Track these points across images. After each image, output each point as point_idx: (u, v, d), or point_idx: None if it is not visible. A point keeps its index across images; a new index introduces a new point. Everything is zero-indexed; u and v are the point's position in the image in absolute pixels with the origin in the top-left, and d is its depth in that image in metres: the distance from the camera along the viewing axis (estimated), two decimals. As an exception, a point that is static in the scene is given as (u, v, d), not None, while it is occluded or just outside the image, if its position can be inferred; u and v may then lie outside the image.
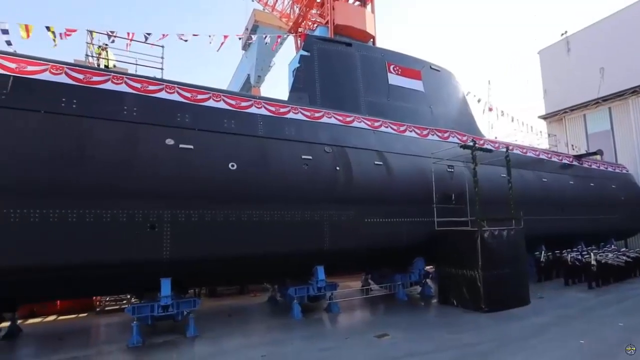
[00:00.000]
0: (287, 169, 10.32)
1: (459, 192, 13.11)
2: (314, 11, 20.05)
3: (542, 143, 25.12)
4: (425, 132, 14.48)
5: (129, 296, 12.14)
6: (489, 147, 14.25)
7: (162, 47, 10.97)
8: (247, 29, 23.99)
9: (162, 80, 10.12)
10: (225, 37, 12.86)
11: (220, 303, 13.22)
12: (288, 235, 9.98)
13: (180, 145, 8.98)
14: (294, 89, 12.88)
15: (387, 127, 13.54)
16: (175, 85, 9.93)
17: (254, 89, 24.94)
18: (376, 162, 12.13)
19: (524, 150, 18.40)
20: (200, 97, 10.07)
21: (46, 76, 8.34)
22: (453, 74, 17.67)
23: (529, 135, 22.98)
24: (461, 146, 12.71)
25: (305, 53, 13.34)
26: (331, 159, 11.23)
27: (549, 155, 19.71)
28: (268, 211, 9.76)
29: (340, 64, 13.98)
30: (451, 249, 11.73)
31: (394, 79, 15.03)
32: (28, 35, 9.71)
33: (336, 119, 12.45)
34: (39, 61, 8.52)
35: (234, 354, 7.70)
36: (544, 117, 30.61)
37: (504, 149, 13.37)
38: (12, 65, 8.12)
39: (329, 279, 11.10)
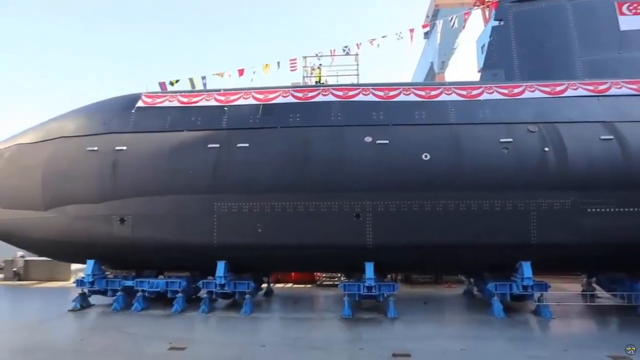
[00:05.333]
0: (484, 155, 9.62)
1: None
2: (503, -30, 17.16)
3: None
4: (691, 85, 10.35)
5: (340, 275, 14.28)
6: None
7: (357, 54, 12.24)
8: (428, 16, 23.26)
9: (358, 84, 11.47)
10: (412, 30, 12.92)
11: (415, 290, 13.66)
12: (486, 226, 9.36)
13: (377, 141, 9.81)
14: (485, 67, 11.74)
15: (619, 87, 10.47)
16: (370, 87, 10.93)
17: (438, 76, 24.03)
18: (603, 137, 9.63)
19: None
20: (391, 93, 10.69)
21: (279, 100, 10.94)
22: None
23: None
24: None
25: (497, 23, 11.85)
26: (537, 138, 9.70)
27: None
28: (464, 200, 9.42)
29: (544, 24, 11.73)
30: None
31: (630, 22, 11.39)
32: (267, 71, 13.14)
33: (541, 91, 10.58)
34: (274, 89, 11.24)
35: (432, 341, 7.92)
36: None
37: None
38: (261, 96, 11.07)
39: (537, 277, 9.70)
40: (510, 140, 9.64)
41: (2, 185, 11.04)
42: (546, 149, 9.54)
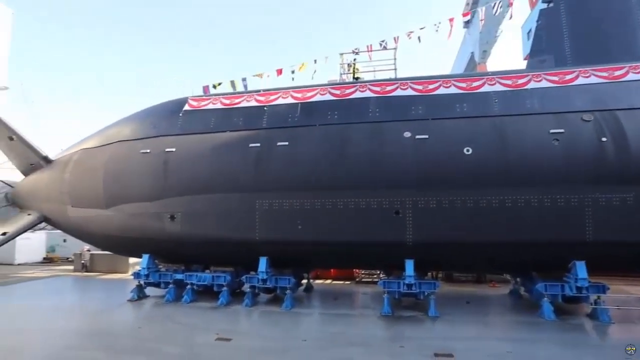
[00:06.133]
0: (531, 147, 9.08)
1: None
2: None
3: None
4: None
5: (379, 272, 14.19)
6: None
7: (395, 49, 12.07)
8: (467, 3, 22.11)
9: (396, 79, 11.23)
10: (451, 20, 12.40)
11: (457, 289, 13.25)
12: (534, 223, 8.87)
13: (417, 136, 9.62)
14: (533, 53, 11.05)
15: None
16: (408, 81, 10.73)
17: (479, 67, 22.77)
18: None
19: None
20: (430, 87, 10.40)
21: (317, 98, 11.05)
22: None
23: None
24: None
25: (546, 5, 11.08)
26: (593, 128, 8.99)
27: None
28: (509, 196, 8.98)
29: (601, 1, 10.74)
30: None
31: None
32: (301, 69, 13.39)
33: (597, 76, 9.79)
34: (311, 87, 11.39)
35: (476, 342, 7.66)
36: None
37: None
38: (299, 95, 11.26)
39: (592, 277, 9.00)
40: (562, 130, 9.03)
41: (71, 187, 12.26)
42: (603, 139, 8.82)
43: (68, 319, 9.70)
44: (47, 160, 13.40)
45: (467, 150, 9.24)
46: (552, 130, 9.06)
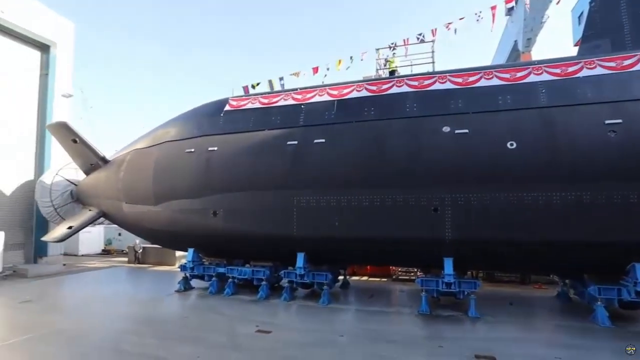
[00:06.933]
0: (583, 139, 8.46)
1: None
2: None
3: None
4: None
5: (416, 270, 13.97)
6: None
7: (432, 42, 11.73)
8: None
9: (434, 72, 10.92)
10: (493, 8, 11.79)
11: (499, 289, 12.71)
12: (585, 220, 8.28)
13: (456, 131, 9.31)
14: (585, 39, 10.22)
15: None
16: (447, 74, 10.39)
17: (523, 56, 21.24)
18: None
19: None
20: (471, 79, 10.00)
21: (354, 94, 11.02)
22: None
23: None
24: None
25: (601, -15, 10.17)
26: None
27: None
28: (557, 192, 8.45)
29: None
30: None
31: None
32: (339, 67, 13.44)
33: (663, 60, 8.86)
34: (347, 84, 11.39)
35: (520, 345, 7.32)
36: None
37: None
38: (335, 92, 11.32)
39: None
40: (619, 121, 8.32)
41: (125, 185, 13.25)
42: None
43: (125, 306, 10.57)
44: (104, 161, 14.58)
45: (511, 145, 8.79)
46: (607, 121, 8.37)
